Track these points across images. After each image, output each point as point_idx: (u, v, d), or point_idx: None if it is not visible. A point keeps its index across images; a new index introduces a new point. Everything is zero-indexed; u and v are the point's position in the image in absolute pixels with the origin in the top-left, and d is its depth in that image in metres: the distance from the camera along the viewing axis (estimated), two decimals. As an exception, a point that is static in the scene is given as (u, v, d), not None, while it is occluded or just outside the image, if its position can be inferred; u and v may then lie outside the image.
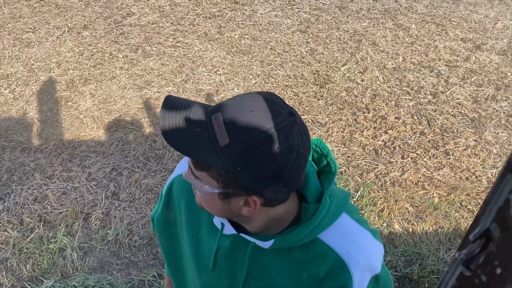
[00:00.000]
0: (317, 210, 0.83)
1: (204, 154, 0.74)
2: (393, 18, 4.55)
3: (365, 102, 3.59)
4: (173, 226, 1.05)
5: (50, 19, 4.74)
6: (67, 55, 4.19)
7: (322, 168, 0.91)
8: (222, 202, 0.80)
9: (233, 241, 0.92)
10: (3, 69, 4.07)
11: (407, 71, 3.90)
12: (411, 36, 4.32)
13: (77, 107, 3.62)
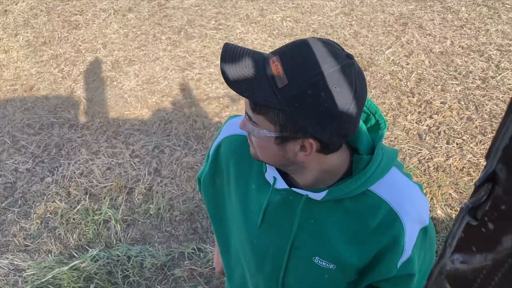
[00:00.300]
0: (370, 162, 0.83)
1: (263, 96, 0.74)
2: (441, 1, 4.38)
3: (409, 86, 3.49)
4: (220, 186, 1.06)
5: (97, 2, 4.87)
6: (112, 37, 4.30)
7: (371, 126, 0.90)
8: (278, 147, 0.80)
9: (284, 196, 0.91)
10: (53, 50, 4.22)
11: (455, 55, 3.75)
12: (461, 19, 4.15)
13: (122, 87, 3.71)
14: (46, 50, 4.23)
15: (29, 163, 3.08)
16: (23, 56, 4.19)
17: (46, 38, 4.40)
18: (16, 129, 3.39)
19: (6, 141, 3.28)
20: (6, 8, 4.95)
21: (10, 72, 4.01)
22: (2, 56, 4.20)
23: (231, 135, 1.01)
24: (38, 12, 4.83)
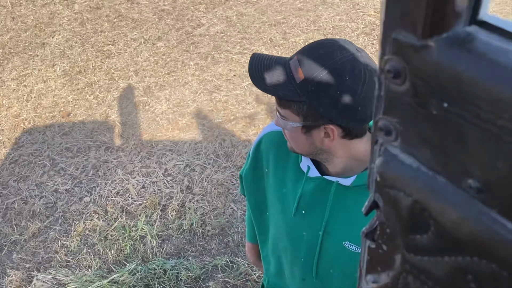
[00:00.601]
0: None
1: (284, 91, 0.87)
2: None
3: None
4: (260, 180, 1.16)
5: (128, 32, 5.14)
6: (143, 64, 4.52)
7: None
8: (305, 137, 0.91)
9: (317, 184, 1.00)
10: (88, 78, 4.46)
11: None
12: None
13: (154, 111, 3.89)
14: (82, 79, 4.47)
15: (68, 184, 3.25)
16: (60, 84, 4.44)
17: (81, 67, 4.66)
18: (55, 152, 3.59)
19: (47, 164, 3.47)
20: (43, 41, 5.27)
21: (48, 100, 4.25)
22: (41, 86, 4.46)
23: (269, 132, 1.14)
24: (73, 43, 5.12)
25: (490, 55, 0.29)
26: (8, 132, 3.91)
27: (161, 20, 5.26)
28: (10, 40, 5.41)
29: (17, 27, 5.69)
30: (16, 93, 4.42)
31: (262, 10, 5.10)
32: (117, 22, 5.41)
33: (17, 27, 5.70)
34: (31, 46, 5.21)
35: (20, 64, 4.89)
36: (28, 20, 5.84)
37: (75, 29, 5.41)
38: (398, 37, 0.33)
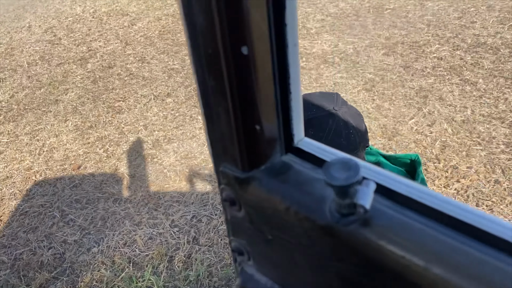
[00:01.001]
0: None
1: None
2: (459, 74, 4.63)
3: (435, 153, 3.63)
4: None
5: (138, 89, 5.36)
6: (153, 119, 4.68)
7: None
8: None
9: None
10: (99, 132, 4.61)
11: (477, 123, 3.91)
12: (479, 90, 4.36)
13: (162, 163, 3.99)
14: (92, 133, 4.62)
15: (76, 235, 3.29)
16: (72, 139, 4.59)
17: (93, 122, 4.83)
18: (65, 204, 3.65)
19: (56, 215, 3.53)
20: (57, 98, 5.50)
21: (60, 153, 4.38)
22: (53, 140, 4.61)
23: None
24: (85, 100, 5.34)
25: (302, 185, 0.33)
26: (20, 184, 4.00)
27: (171, 78, 5.51)
28: (25, 97, 5.65)
29: (32, 85, 5.95)
30: (29, 147, 4.56)
31: (267, 68, 5.34)
32: (128, 80, 5.66)
33: (32, 85, 5.96)
34: (45, 103, 5.42)
35: (33, 120, 5.07)
36: (43, 78, 6.11)
37: (87, 87, 5.65)
38: (225, 170, 0.39)
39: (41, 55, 6.92)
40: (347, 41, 5.66)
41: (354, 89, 4.62)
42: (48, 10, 9.12)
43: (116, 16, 8.09)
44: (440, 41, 5.32)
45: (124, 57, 6.34)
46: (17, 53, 7.15)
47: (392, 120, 4.07)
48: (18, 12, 9.35)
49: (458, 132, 3.83)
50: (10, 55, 7.15)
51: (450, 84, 4.49)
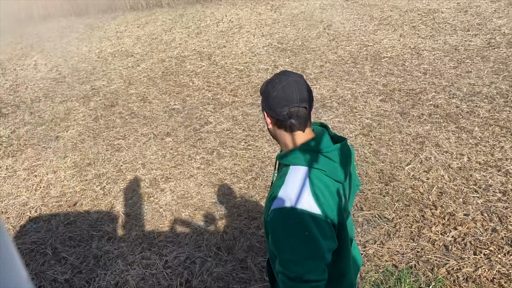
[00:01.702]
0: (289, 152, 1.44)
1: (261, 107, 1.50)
2: (455, 122, 4.70)
3: (431, 199, 3.63)
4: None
5: (138, 128, 5.42)
6: (151, 158, 4.71)
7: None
8: (273, 128, 1.47)
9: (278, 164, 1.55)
10: (97, 170, 4.62)
11: (473, 171, 3.93)
12: (475, 138, 4.41)
13: (158, 202, 3.98)
14: (90, 170, 4.64)
15: (68, 274, 3.23)
16: (70, 175, 4.59)
17: (91, 160, 4.85)
18: (58, 241, 3.61)
19: (48, 253, 3.48)
20: (58, 135, 5.55)
21: (57, 190, 4.37)
22: (51, 176, 4.61)
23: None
24: (85, 137, 5.39)
25: None
26: (14, 220, 3.97)
27: (171, 117, 5.58)
28: (26, 132, 5.70)
29: (34, 121, 6.02)
30: (26, 182, 4.56)
31: (266, 110, 5.43)
32: (129, 118, 5.73)
33: (34, 121, 6.03)
34: (45, 139, 5.47)
35: (33, 155, 5.10)
36: (45, 115, 6.19)
37: (88, 124, 5.72)
38: None
39: (45, 92, 7.05)
40: (345, 87, 5.79)
41: (352, 134, 4.68)
42: (55, 50, 9.37)
43: (121, 57, 8.30)
44: (436, 89, 5.43)
45: (127, 96, 6.46)
46: (22, 90, 7.28)
47: (389, 165, 4.10)
48: (26, 51, 9.59)
49: (455, 179, 3.84)
50: (14, 91, 7.28)
51: (446, 131, 4.55)
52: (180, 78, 6.85)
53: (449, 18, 8.09)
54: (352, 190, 1.59)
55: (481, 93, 5.24)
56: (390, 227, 3.37)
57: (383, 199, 3.67)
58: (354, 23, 8.45)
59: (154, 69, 7.42)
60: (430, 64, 6.22)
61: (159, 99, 6.21)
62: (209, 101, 5.93)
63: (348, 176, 1.46)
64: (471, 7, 8.57)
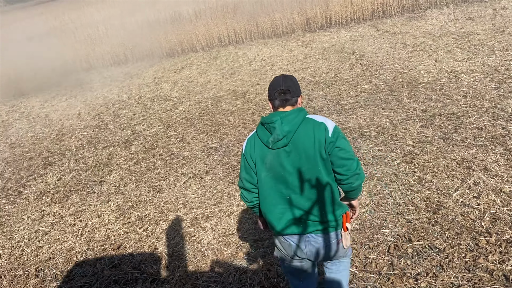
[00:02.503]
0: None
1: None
2: (502, 144, 4.49)
3: (485, 226, 3.42)
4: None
5: (178, 169, 5.50)
6: (191, 197, 4.74)
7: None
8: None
9: None
10: (139, 212, 4.69)
11: (528, 194, 3.70)
12: (526, 159, 4.18)
13: (200, 241, 3.96)
14: (133, 213, 4.70)
15: (113, 318, 3.22)
16: (113, 219, 4.67)
17: (134, 202, 4.93)
18: (103, 285, 3.63)
19: (94, 297, 3.49)
20: (101, 179, 5.71)
21: (101, 233, 4.45)
22: (95, 220, 4.71)
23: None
24: (127, 180, 5.51)
25: None
26: (61, 266, 4.04)
27: (209, 156, 5.64)
28: (72, 179, 5.90)
29: (79, 168, 6.24)
30: (72, 227, 4.67)
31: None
32: (169, 160, 5.84)
33: (79, 167, 6.25)
34: (89, 184, 5.63)
35: (78, 201, 5.24)
36: (89, 161, 6.41)
37: (130, 168, 5.86)
38: None
39: (89, 139, 7.33)
40: (383, 115, 5.69)
41: (394, 162, 4.55)
42: (97, 98, 9.81)
43: (160, 101, 8.58)
44: (478, 112, 5.24)
45: (166, 138, 6.61)
46: (67, 138, 7.61)
47: (435, 193, 3.93)
48: (70, 101, 10.10)
49: (509, 203, 3.62)
50: (60, 140, 7.61)
51: (494, 154, 4.34)
52: (217, 118, 6.97)
53: (486, 39, 7.91)
54: (302, 154, 2.15)
55: (528, 112, 5.01)
56: (442, 258, 3.18)
57: (432, 229, 3.50)
58: (386, 51, 8.41)
59: (191, 111, 7.60)
60: (470, 86, 6.04)
61: (197, 139, 6.31)
62: (245, 137, 5.97)
63: (286, 143, 2.15)
64: (508, 27, 8.36)
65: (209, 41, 12.50)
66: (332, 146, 2.12)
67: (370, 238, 3.55)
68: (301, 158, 2.14)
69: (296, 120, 2.14)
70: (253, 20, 12.16)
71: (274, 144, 2.14)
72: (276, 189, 2.21)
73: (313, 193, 2.17)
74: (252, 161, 2.25)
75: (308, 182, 2.14)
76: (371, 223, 3.72)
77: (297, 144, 2.13)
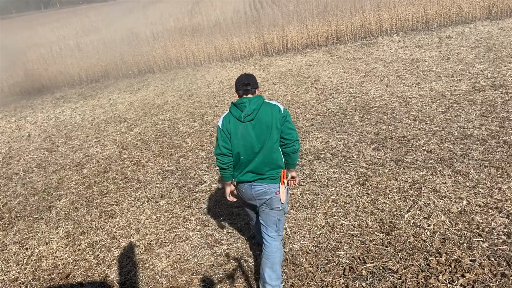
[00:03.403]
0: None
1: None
2: (450, 166, 4.68)
3: (435, 246, 3.52)
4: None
5: (132, 193, 5.35)
6: (145, 222, 4.60)
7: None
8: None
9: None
10: (90, 238, 4.49)
11: (474, 214, 3.85)
12: (472, 180, 4.37)
13: (153, 268, 3.83)
14: (84, 239, 4.50)
15: None
16: (62, 246, 4.45)
17: (85, 228, 4.73)
18: (49, 318, 3.42)
19: (38, 331, 3.27)
20: (50, 205, 5.45)
21: (48, 262, 4.22)
22: (43, 248, 4.47)
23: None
24: (78, 205, 5.29)
25: None
26: (3, 298, 3.78)
27: (165, 179, 5.53)
28: (18, 204, 5.60)
29: (26, 192, 5.94)
30: (17, 256, 4.41)
31: (260, 166, 5.40)
32: (122, 183, 5.67)
33: (27, 192, 5.95)
34: (38, 210, 5.37)
35: (24, 227, 4.97)
36: (37, 185, 6.12)
37: (81, 192, 5.64)
38: None
39: (38, 162, 7.02)
40: (337, 138, 5.81)
41: (348, 184, 4.63)
42: (48, 120, 9.47)
43: (114, 123, 8.38)
44: (427, 135, 5.46)
45: (120, 161, 6.43)
46: (15, 162, 7.26)
47: (388, 214, 4.02)
48: (20, 123, 9.68)
49: (457, 223, 3.76)
50: (7, 163, 7.24)
51: (442, 176, 4.51)
52: (173, 140, 6.88)
53: (433, 66, 8.33)
54: (263, 125, 2.97)
55: (473, 135, 5.27)
56: (396, 279, 3.23)
57: (386, 250, 3.56)
58: (340, 76, 8.67)
59: (147, 133, 7.46)
60: (419, 110, 6.31)
61: (152, 162, 6.18)
62: (203, 160, 5.91)
63: (253, 118, 2.97)
64: (453, 54, 8.86)
65: (166, 63, 12.43)
66: (284, 120, 3.01)
67: (325, 261, 3.56)
68: (262, 129, 2.98)
69: (259, 102, 3.01)
70: (212, 43, 12.24)
71: (245, 118, 2.98)
72: (244, 152, 3.02)
73: (267, 154, 3.01)
74: (228, 132, 3.02)
75: (265, 146, 3.00)
76: (327, 245, 3.74)
77: (260, 119, 2.98)
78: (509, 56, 8.15)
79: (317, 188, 4.66)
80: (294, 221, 4.14)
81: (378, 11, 11.95)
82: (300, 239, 3.87)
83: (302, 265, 3.56)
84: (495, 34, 10.00)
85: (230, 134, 3.02)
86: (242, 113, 2.98)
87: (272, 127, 2.97)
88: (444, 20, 11.81)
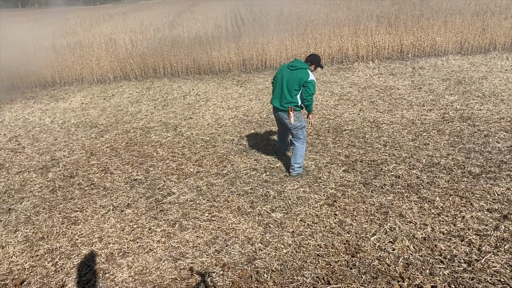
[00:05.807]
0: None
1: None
2: (416, 192, 4.78)
3: (398, 271, 3.56)
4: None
5: (97, 200, 5.21)
6: (109, 231, 4.48)
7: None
8: None
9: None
10: (50, 244, 4.34)
11: (438, 241, 3.93)
12: (437, 207, 4.47)
13: (114, 279, 3.72)
14: (43, 245, 4.34)
15: None
16: (19, 251, 4.28)
17: (45, 233, 4.57)
18: (-2, 325, 3.25)
19: None
20: (10, 207, 5.25)
21: (3, 267, 4.04)
22: (-2, 252, 4.28)
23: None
24: (40, 209, 5.11)
25: None
26: (-50, 302, 3.59)
27: (133, 188, 5.42)
28: (-24, 205, 5.37)
29: (-14, 193, 5.70)
30: (-31, 259, 4.20)
31: (232, 181, 5.38)
32: (88, 190, 5.53)
33: (-14, 193, 5.71)
34: (-4, 212, 5.15)
35: (-20, 229, 4.75)
36: (-2, 186, 5.89)
37: (45, 196, 5.47)
38: None
39: (1, 163, 6.77)
40: (309, 157, 5.86)
41: (317, 204, 4.65)
42: (16, 120, 9.18)
43: (85, 128, 8.20)
44: (396, 160, 5.58)
45: (87, 167, 6.28)
46: (-24, 160, 6.97)
47: (354, 236, 4.05)
48: (-15, 121, 9.34)
49: (420, 249, 3.82)
50: (-32, 162, 6.96)
51: (409, 202, 4.60)
52: (144, 149, 6.78)
53: (405, 94, 8.56)
54: (293, 77, 4.97)
55: (440, 164, 5.41)
56: (358, 301, 3.24)
57: (350, 272, 3.57)
58: (315, 98, 8.78)
59: (118, 140, 7.33)
60: (390, 136, 6.45)
61: (121, 169, 6.06)
62: (173, 171, 5.84)
63: (286, 72, 5.06)
64: (425, 85, 9.14)
65: (143, 71, 12.33)
66: (306, 84, 4.89)
67: (290, 280, 3.54)
68: (291, 80, 4.96)
69: (301, 65, 4.96)
70: (191, 55, 12.23)
71: (290, 66, 5.00)
72: (278, 87, 5.12)
73: (287, 94, 5.02)
74: (281, 72, 5.12)
75: (288, 90, 5.00)
76: (292, 264, 3.73)
77: (294, 73, 4.94)
78: (478, 91, 8.47)
79: (286, 206, 4.66)
80: (261, 236, 4.12)
81: (356, 37, 12.25)
82: (265, 256, 3.85)
83: (267, 282, 3.53)
84: (465, 68, 10.40)
85: (278, 74, 5.17)
86: (290, 64, 5.03)
87: (295, 82, 4.91)
88: (419, 51, 12.21)
